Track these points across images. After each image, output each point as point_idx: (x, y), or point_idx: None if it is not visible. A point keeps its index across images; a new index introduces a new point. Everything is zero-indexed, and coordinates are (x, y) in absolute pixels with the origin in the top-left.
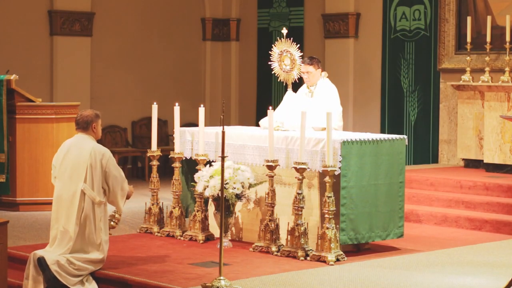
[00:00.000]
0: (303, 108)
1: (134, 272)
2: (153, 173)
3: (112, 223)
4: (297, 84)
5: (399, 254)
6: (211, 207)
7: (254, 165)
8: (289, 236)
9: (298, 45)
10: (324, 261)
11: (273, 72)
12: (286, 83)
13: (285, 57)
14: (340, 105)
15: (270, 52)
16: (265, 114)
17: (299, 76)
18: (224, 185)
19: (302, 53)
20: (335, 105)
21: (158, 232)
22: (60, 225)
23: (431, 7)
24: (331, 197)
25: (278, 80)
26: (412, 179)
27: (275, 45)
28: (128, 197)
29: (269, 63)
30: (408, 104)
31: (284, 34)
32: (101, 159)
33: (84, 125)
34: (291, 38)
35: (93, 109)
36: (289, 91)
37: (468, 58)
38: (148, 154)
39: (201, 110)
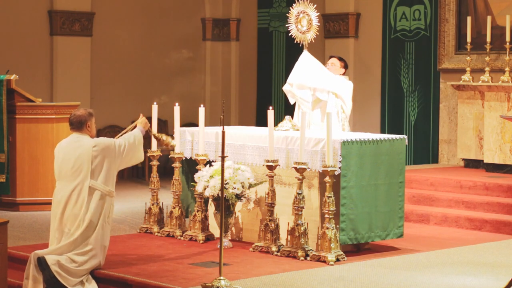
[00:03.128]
0: (315, 69)
1: (134, 272)
2: (153, 173)
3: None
4: (313, 46)
5: (399, 254)
6: (211, 207)
7: (254, 165)
8: (289, 236)
9: (316, 10)
10: (324, 261)
11: (290, 34)
12: (302, 45)
13: (302, 18)
14: (351, 100)
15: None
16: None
17: (315, 36)
18: (224, 185)
19: (318, 13)
20: (348, 95)
21: (158, 232)
22: (65, 227)
23: (431, 7)
24: (331, 197)
25: (295, 42)
26: (412, 179)
27: (292, 7)
28: (146, 128)
29: (286, 25)
30: (408, 104)
31: None
32: (106, 151)
33: (78, 125)
34: (308, 0)
35: (86, 108)
36: (305, 51)
37: (468, 58)
38: (148, 154)
39: (201, 110)
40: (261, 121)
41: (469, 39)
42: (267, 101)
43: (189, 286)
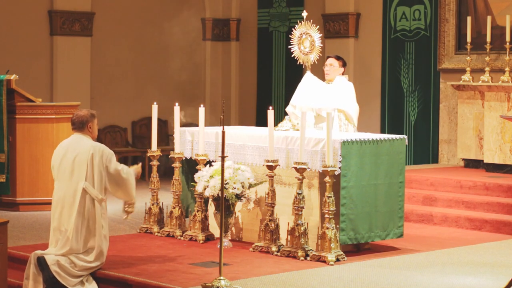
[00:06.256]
0: (319, 90)
1: (134, 272)
2: (153, 173)
3: (128, 209)
4: (316, 67)
5: (399, 254)
6: (211, 207)
7: (254, 165)
8: (289, 236)
9: (318, 26)
10: (324, 261)
11: (292, 56)
12: (304, 65)
13: (305, 39)
14: (357, 104)
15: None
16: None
17: (318, 58)
18: (224, 185)
19: (321, 34)
20: (351, 98)
21: (158, 232)
22: (62, 226)
23: (431, 7)
24: (331, 197)
25: (298, 63)
26: (412, 179)
27: (295, 28)
28: (136, 178)
29: (289, 46)
30: (408, 104)
31: (304, 17)
32: (101, 157)
33: (79, 125)
34: (310, 21)
35: (89, 109)
36: (308, 72)
37: (468, 58)
38: (148, 154)
39: (201, 110)
40: (261, 121)
41: (469, 39)
42: (267, 101)
43: (189, 286)
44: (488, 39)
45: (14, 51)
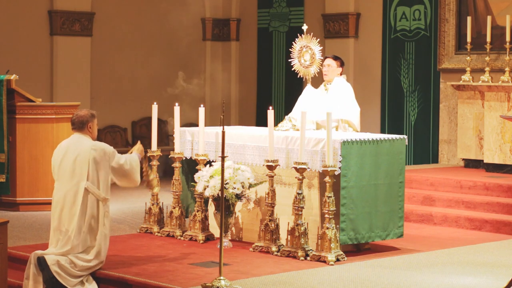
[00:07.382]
0: (319, 102)
1: (134, 272)
2: (153, 173)
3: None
4: (316, 79)
5: (399, 254)
6: (211, 207)
7: (254, 165)
8: (289, 236)
9: (318, 39)
10: (324, 261)
11: (293, 69)
12: (305, 78)
13: (305, 52)
14: (357, 105)
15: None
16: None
17: (318, 71)
18: (224, 185)
19: (321, 47)
20: (351, 101)
21: (158, 232)
22: (63, 226)
23: (431, 7)
24: (331, 197)
25: (298, 76)
26: (412, 179)
27: (295, 42)
28: (142, 155)
29: (289, 60)
30: (408, 104)
31: (304, 30)
32: (103, 156)
33: (79, 125)
34: (311, 34)
35: (89, 109)
36: (309, 85)
37: (468, 58)
38: (148, 154)
39: (201, 110)
40: (261, 121)
41: (469, 39)
42: (267, 101)
43: (189, 286)
44: (488, 39)
45: (14, 51)
